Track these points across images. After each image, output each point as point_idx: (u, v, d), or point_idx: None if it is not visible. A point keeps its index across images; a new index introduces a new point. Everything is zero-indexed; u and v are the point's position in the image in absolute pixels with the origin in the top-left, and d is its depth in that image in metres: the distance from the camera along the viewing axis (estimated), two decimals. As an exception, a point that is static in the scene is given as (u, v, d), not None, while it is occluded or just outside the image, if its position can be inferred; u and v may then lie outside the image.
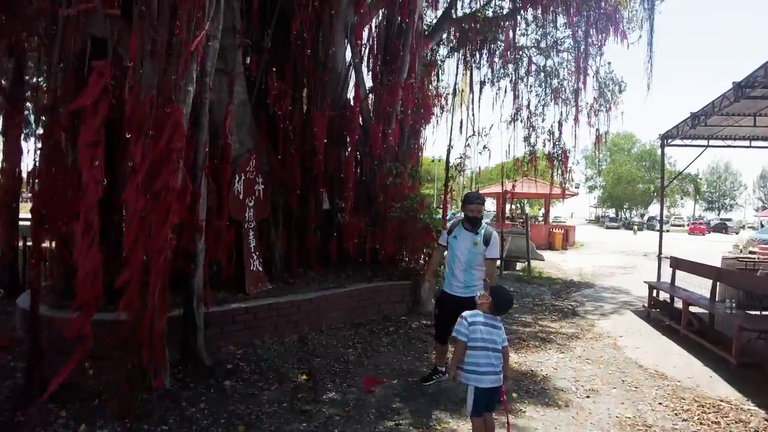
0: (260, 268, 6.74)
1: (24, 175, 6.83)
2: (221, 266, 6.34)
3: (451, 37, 13.77)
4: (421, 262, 8.11)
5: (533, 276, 12.66)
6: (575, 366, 5.50)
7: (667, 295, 8.24)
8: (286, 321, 6.05)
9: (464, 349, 3.09)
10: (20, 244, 7.72)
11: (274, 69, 7.22)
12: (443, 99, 15.67)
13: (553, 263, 16.30)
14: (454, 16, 11.49)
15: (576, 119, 12.73)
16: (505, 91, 13.32)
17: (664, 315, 7.80)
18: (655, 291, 8.54)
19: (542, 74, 13.97)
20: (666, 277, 8.88)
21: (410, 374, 4.97)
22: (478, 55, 13.62)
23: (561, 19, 12.22)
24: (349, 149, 8.21)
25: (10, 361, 4.86)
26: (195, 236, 4.96)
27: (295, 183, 7.56)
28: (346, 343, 5.95)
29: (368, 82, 9.13)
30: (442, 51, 14.84)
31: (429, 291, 7.97)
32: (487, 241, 4.33)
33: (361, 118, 8.42)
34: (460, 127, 13.13)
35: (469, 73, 13.74)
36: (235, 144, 6.61)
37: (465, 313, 3.21)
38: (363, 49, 8.53)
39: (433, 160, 38.67)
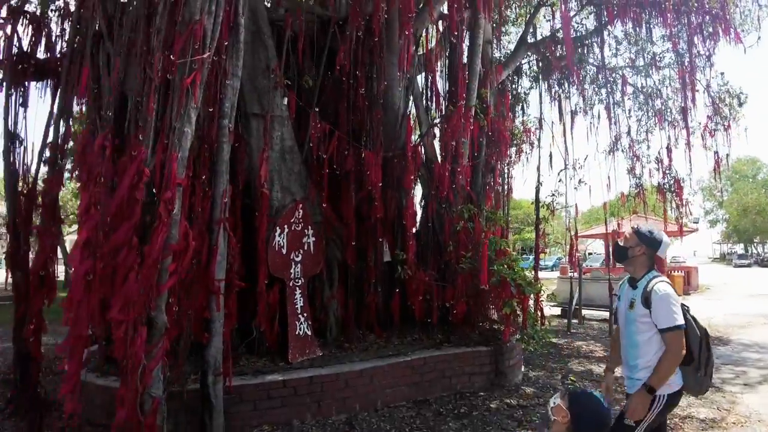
0: (309, 332, 5.88)
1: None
2: (261, 331, 5.60)
3: (534, 67, 12.68)
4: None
5: (649, 330, 10.59)
6: (719, 474, 3.91)
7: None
8: (331, 397, 5.08)
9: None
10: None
11: (318, 110, 6.59)
12: (532, 135, 14.52)
13: (673, 313, 13.82)
14: (531, 40, 10.40)
15: (688, 143, 10.81)
16: (599, 118, 11.80)
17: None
18: (821, 353, 6.45)
19: (641, 96, 12.29)
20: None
21: (477, 483, 3.72)
22: (566, 83, 12.38)
23: (657, 31, 10.65)
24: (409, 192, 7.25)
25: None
26: (210, 300, 4.26)
27: (350, 233, 6.73)
28: (402, 428, 4.81)
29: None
30: (525, 83, 13.73)
31: (518, 354, 6.62)
32: (646, 301, 2.63)
33: (424, 157, 7.51)
34: (550, 161, 11.80)
35: (557, 102, 12.47)
36: (276, 193, 5.99)
37: None
38: (422, 79, 7.71)
39: (533, 203, 36.66)
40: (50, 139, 4.48)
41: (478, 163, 8.20)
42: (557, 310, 13.52)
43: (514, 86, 13.04)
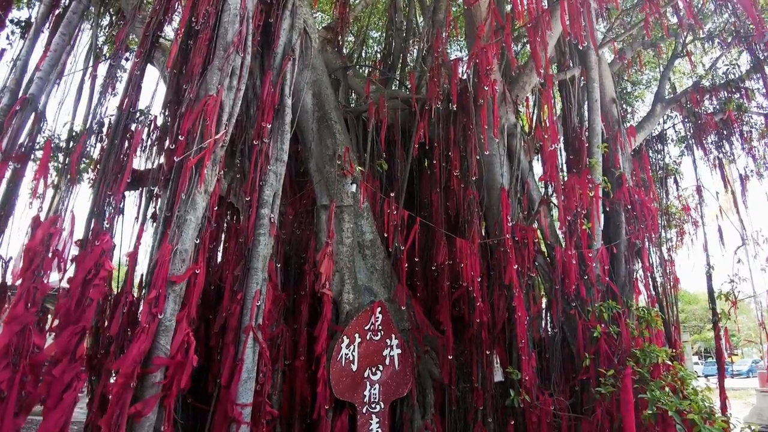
0: (392, 479, 4.45)
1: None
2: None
3: (680, 130, 10.63)
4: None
5: None
6: None
7: None
8: None
9: None
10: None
11: (406, 197, 5.68)
12: (695, 211, 12.09)
13: None
14: (669, 96, 8.64)
15: None
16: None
17: None
18: None
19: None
20: None
21: None
22: (726, 144, 10.05)
23: None
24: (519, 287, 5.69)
25: None
26: (230, 430, 3.28)
27: (448, 343, 5.34)
28: None
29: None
30: (674, 151, 11.56)
31: None
32: None
33: (542, 242, 6.03)
34: (721, 239, 9.25)
35: (717, 167, 10.11)
36: (347, 294, 4.99)
37: None
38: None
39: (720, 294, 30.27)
40: None
41: (617, 245, 6.42)
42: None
43: (659, 156, 11.03)
